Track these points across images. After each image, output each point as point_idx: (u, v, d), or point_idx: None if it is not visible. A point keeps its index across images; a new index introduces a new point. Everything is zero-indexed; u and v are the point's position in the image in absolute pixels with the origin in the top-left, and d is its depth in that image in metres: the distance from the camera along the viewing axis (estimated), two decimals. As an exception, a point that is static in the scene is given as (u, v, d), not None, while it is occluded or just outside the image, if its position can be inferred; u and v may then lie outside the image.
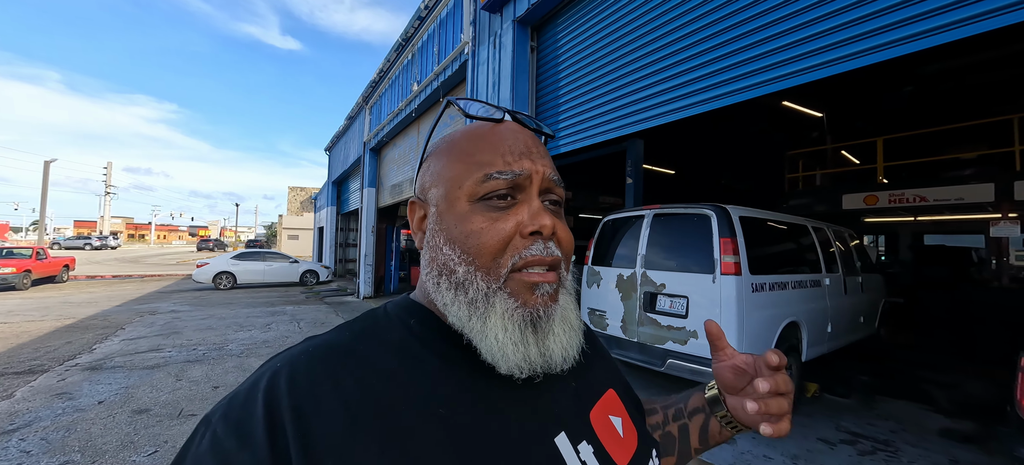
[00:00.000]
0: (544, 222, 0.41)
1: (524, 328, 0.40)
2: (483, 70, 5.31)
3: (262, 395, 0.36)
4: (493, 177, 0.41)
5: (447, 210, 0.43)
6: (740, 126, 10.88)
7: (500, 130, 0.45)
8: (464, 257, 0.41)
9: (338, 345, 0.41)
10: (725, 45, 3.19)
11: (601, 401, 0.50)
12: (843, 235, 5.47)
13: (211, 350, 5.56)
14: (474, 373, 0.41)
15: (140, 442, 3.00)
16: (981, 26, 2.07)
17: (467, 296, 0.41)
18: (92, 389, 4.02)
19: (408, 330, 0.44)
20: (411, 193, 5.06)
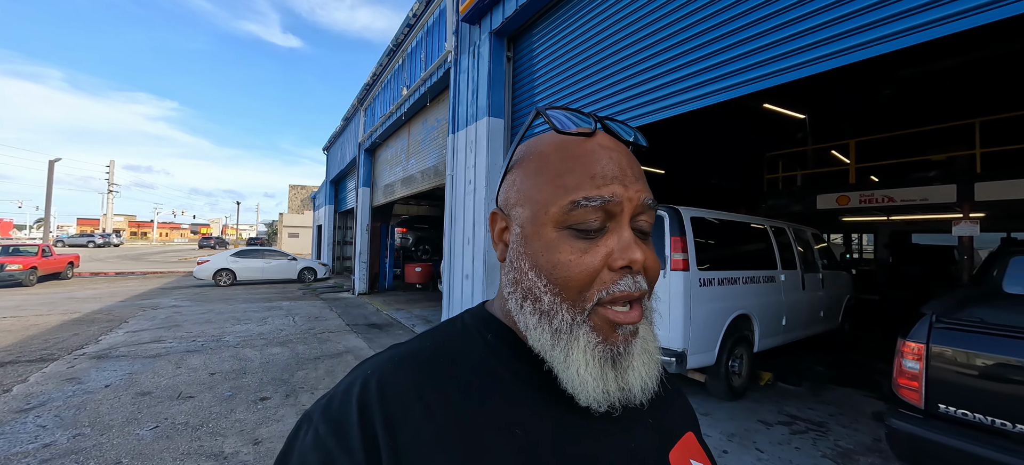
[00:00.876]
0: (634, 257, 0.39)
1: (604, 364, 0.39)
2: (464, 78, 5.63)
3: (356, 400, 0.38)
4: (581, 204, 0.39)
5: (533, 234, 0.42)
6: (728, 127, 11.17)
7: (591, 146, 0.42)
8: (550, 286, 0.40)
9: (421, 356, 0.42)
10: (696, 50, 3.24)
11: (681, 442, 0.49)
12: (805, 234, 5.78)
13: (209, 341, 5.91)
14: (550, 398, 0.41)
15: (143, 419, 3.35)
16: (955, 26, 2.09)
17: (552, 325, 0.40)
18: (99, 375, 4.38)
19: (486, 345, 0.44)
20: (404, 192, 5.68)
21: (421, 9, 7.02)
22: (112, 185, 43.57)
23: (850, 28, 2.43)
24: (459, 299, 5.52)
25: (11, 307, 8.47)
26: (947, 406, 2.00)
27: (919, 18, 2.17)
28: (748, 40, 2.91)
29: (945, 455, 1.94)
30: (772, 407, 3.97)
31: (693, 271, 3.74)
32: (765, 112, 10.16)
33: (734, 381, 4.15)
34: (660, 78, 3.55)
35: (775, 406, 4.00)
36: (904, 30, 2.23)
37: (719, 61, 3.09)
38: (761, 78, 2.86)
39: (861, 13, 2.38)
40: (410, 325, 7.46)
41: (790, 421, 3.65)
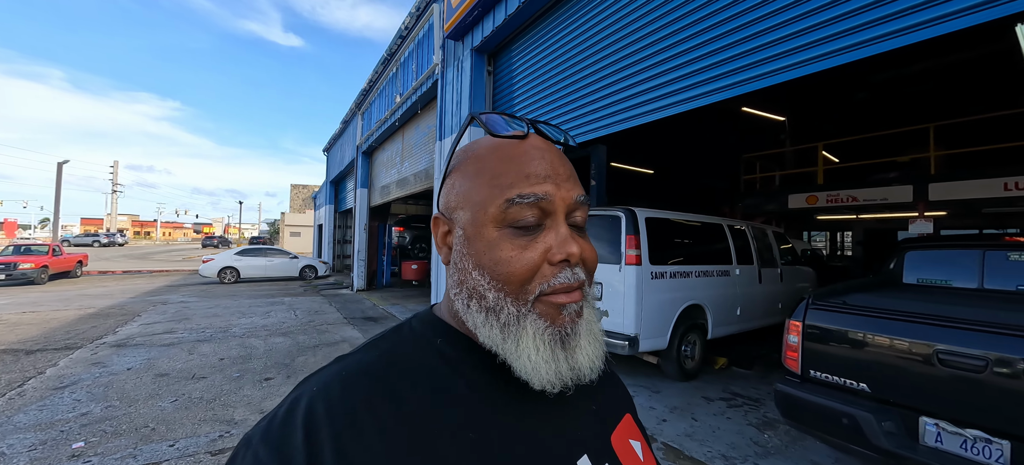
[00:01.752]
0: (571, 250, 0.41)
1: (554, 346, 0.41)
2: (450, 89, 6.12)
3: (301, 421, 0.37)
4: (516, 202, 0.41)
5: (475, 235, 0.43)
6: (714, 129, 11.63)
7: (525, 148, 0.44)
8: (494, 283, 0.42)
9: (369, 368, 0.42)
10: (662, 63, 3.49)
11: (620, 425, 0.51)
12: (765, 233, 6.26)
13: (217, 332, 6.43)
14: (502, 395, 0.43)
15: (163, 394, 3.87)
16: (921, 34, 2.15)
17: (499, 320, 0.41)
18: (120, 360, 4.90)
19: (435, 350, 0.45)
20: (399, 193, 6.51)
21: (412, 23, 7.51)
22: (116, 185, 44.20)
23: (803, 43, 2.53)
24: (445, 293, 6.03)
25: (28, 303, 9.00)
26: (816, 371, 2.49)
27: (871, 32, 2.25)
28: (712, 53, 3.07)
29: (812, 409, 2.43)
30: (719, 387, 4.46)
31: (645, 265, 4.23)
32: (745, 115, 10.62)
33: (686, 364, 4.65)
34: (630, 89, 3.84)
35: (722, 386, 4.49)
36: (863, 41, 2.31)
37: (686, 72, 3.26)
38: (727, 88, 2.99)
39: (816, 28, 2.48)
40: (402, 317, 7.95)
41: (731, 398, 4.15)
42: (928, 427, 2.05)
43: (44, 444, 2.93)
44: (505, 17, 4.94)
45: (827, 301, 2.54)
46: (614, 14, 3.94)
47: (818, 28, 2.50)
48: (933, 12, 2.10)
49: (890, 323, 2.20)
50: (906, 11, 2.16)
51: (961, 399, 1.96)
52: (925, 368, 2.06)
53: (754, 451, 3.08)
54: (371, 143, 11.21)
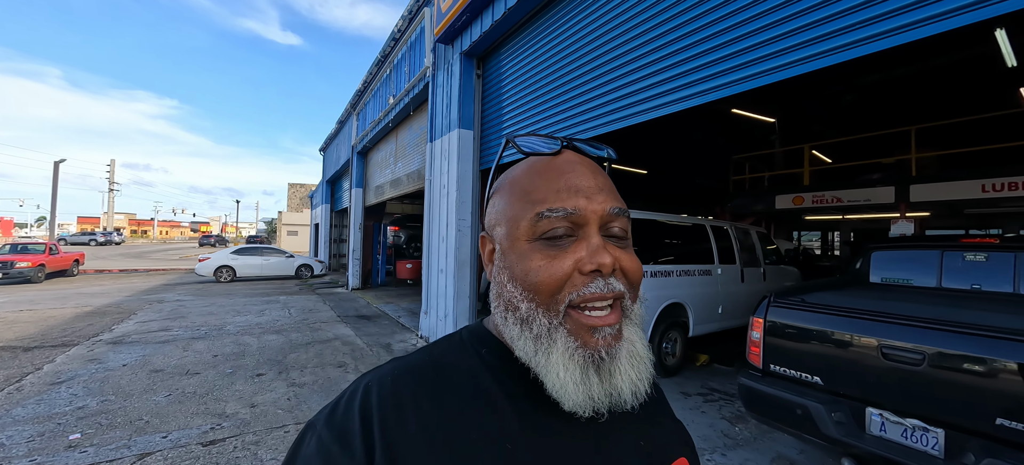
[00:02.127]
0: (603, 260, 0.41)
1: (586, 369, 0.41)
2: (441, 92, 6.24)
3: (358, 407, 0.41)
4: (545, 216, 0.42)
5: (509, 249, 0.45)
6: (706, 130, 11.77)
7: (557, 164, 0.46)
8: (526, 294, 0.43)
9: (420, 369, 0.45)
10: (647, 67, 3.55)
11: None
12: (748, 233, 6.40)
13: (212, 330, 6.55)
14: (540, 410, 0.43)
15: (158, 389, 3.99)
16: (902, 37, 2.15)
17: (532, 332, 0.42)
18: (116, 356, 5.01)
19: (480, 360, 0.46)
20: (392, 193, 6.69)
21: (404, 26, 7.62)
22: (113, 184, 44.14)
23: (787, 45, 2.58)
24: (436, 291, 6.14)
25: (26, 301, 9.09)
26: (776, 366, 2.62)
27: (856, 35, 2.27)
28: (700, 55, 3.11)
29: (771, 402, 2.57)
30: (698, 382, 4.60)
31: (626, 265, 4.36)
32: (737, 117, 10.77)
33: (667, 361, 4.78)
34: (617, 92, 3.89)
35: (701, 382, 4.63)
36: (845, 44, 2.33)
37: (674, 74, 3.31)
38: (715, 89, 3.02)
39: (800, 31, 2.51)
40: (396, 317, 8.09)
41: (708, 393, 4.29)
42: (874, 417, 2.19)
43: (42, 436, 3.05)
44: (492, 22, 5.06)
45: (787, 299, 2.68)
46: (599, 18, 4.04)
47: (801, 31, 2.54)
48: (915, 15, 2.11)
49: (840, 319, 2.34)
50: (890, 13, 2.18)
51: (902, 390, 2.10)
52: (871, 361, 2.20)
53: (723, 443, 3.22)
54: (366, 143, 11.32)
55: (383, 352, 5.62)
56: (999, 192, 6.38)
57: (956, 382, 1.93)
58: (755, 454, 3.07)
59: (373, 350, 5.70)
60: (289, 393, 4.01)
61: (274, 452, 2.92)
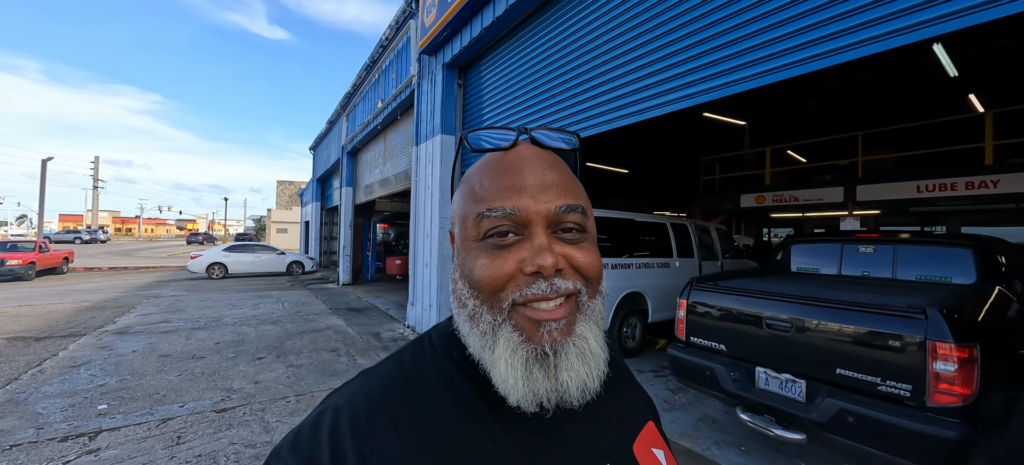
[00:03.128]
0: (544, 262, 0.40)
1: (529, 363, 0.40)
2: (425, 99, 6.73)
3: (327, 434, 0.39)
4: (486, 215, 0.42)
5: (461, 247, 0.45)
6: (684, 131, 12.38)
7: (507, 160, 0.45)
8: (472, 291, 0.43)
9: (391, 381, 0.44)
10: (616, 79, 3.83)
11: (643, 433, 0.51)
12: (707, 229, 7.02)
13: (211, 321, 6.98)
14: (517, 408, 0.42)
15: (169, 370, 4.45)
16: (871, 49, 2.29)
17: (479, 328, 0.42)
18: (125, 344, 5.44)
19: (452, 362, 0.46)
20: (381, 192, 7.45)
21: (392, 34, 8.09)
22: (98, 181, 43.60)
23: (752, 58, 2.74)
24: (422, 284, 6.65)
25: (21, 298, 9.38)
26: (694, 337, 3.21)
27: (813, 50, 2.45)
28: (669, 67, 3.32)
29: (689, 367, 3.15)
30: (653, 362, 5.20)
31: (588, 258, 4.93)
32: (706, 120, 11.41)
33: (627, 343, 5.38)
34: (589, 100, 4.24)
35: (656, 361, 5.23)
36: (814, 55, 2.49)
37: (638, 86, 3.58)
38: (684, 98, 3.23)
39: (763, 46, 2.68)
40: (385, 309, 8.58)
41: (659, 370, 4.88)
42: (760, 374, 2.78)
43: (73, 407, 3.51)
44: (471, 38, 5.57)
45: (704, 283, 3.27)
46: (571, 32, 4.43)
47: (764, 46, 2.70)
48: (864, 34, 2.31)
49: (738, 298, 2.92)
50: (842, 32, 2.40)
51: (778, 352, 2.69)
52: (758, 330, 2.78)
53: (662, 407, 3.81)
54: (355, 144, 11.74)
55: (373, 340, 6.12)
56: (932, 192, 7.09)
57: (811, 343, 2.52)
58: (686, 415, 3.66)
59: (363, 338, 6.20)
60: (288, 372, 4.50)
61: (279, 416, 3.42)
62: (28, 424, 3.20)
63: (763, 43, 2.71)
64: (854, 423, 2.26)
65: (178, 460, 2.75)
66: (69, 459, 2.74)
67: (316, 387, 4.11)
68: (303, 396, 3.88)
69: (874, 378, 2.24)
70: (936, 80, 9.00)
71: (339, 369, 4.68)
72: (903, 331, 2.16)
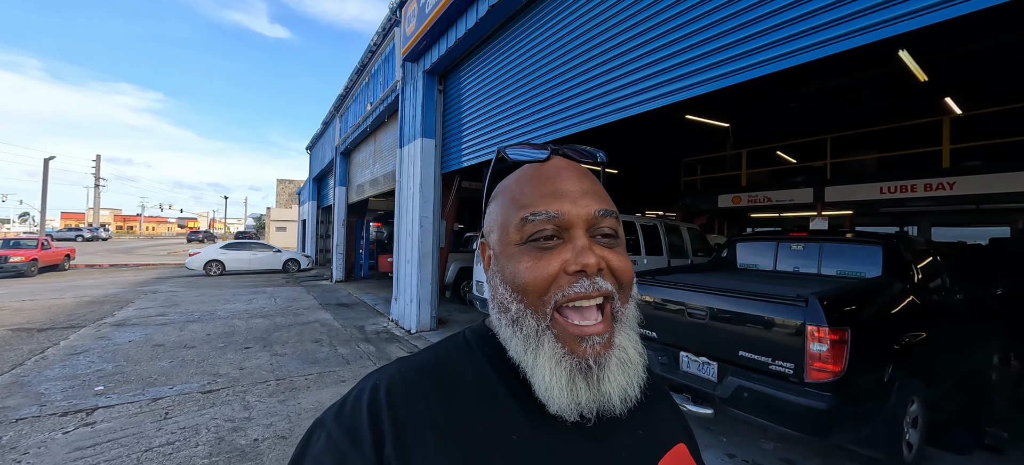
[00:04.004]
0: (587, 261, 0.42)
1: (573, 375, 0.42)
2: (408, 103, 7.06)
3: (367, 406, 0.42)
4: (530, 219, 0.44)
5: (502, 253, 0.47)
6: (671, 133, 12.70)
7: (544, 170, 0.48)
8: (515, 295, 0.44)
9: (426, 367, 0.47)
10: (587, 81, 3.97)
11: (670, 454, 0.50)
12: (678, 229, 7.35)
13: (204, 315, 7.33)
14: (543, 409, 0.43)
15: (161, 357, 4.80)
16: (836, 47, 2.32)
17: (522, 332, 0.44)
18: (122, 335, 5.79)
19: (486, 359, 0.48)
20: (372, 192, 7.93)
21: (379, 40, 8.42)
22: (100, 179, 44.03)
23: (720, 59, 2.83)
24: (404, 279, 6.99)
25: (25, 293, 9.74)
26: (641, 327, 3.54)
27: (777, 50, 2.52)
28: (634, 70, 3.45)
29: (629, 352, 3.48)
30: (617, 353, 5.52)
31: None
32: (689, 122, 11.72)
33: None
34: (559, 104, 4.43)
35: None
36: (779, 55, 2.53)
37: (611, 88, 3.71)
38: (653, 99, 3.30)
39: (732, 45, 2.76)
40: (373, 304, 8.92)
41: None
42: (683, 357, 3.11)
43: (73, 388, 3.86)
44: (448, 47, 5.90)
45: (644, 277, 3.59)
46: (542, 40, 4.62)
47: (731, 47, 2.79)
48: (825, 34, 2.36)
49: (667, 290, 3.25)
50: (807, 31, 2.41)
51: (697, 337, 3.02)
52: (682, 318, 3.11)
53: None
54: (348, 145, 12.08)
55: (356, 333, 6.46)
56: (893, 193, 7.40)
57: (722, 329, 2.85)
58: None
59: (347, 330, 6.54)
60: (272, 360, 4.85)
61: (259, 397, 3.76)
62: (31, 402, 3.55)
63: (730, 43, 2.74)
64: (748, 398, 2.59)
65: (164, 432, 3.09)
66: (68, 430, 3.08)
67: (296, 373, 4.45)
68: (283, 380, 4.22)
69: (767, 358, 2.57)
70: (907, 85, 9.32)
71: (320, 358, 5.02)
72: (788, 317, 2.49)
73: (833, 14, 2.32)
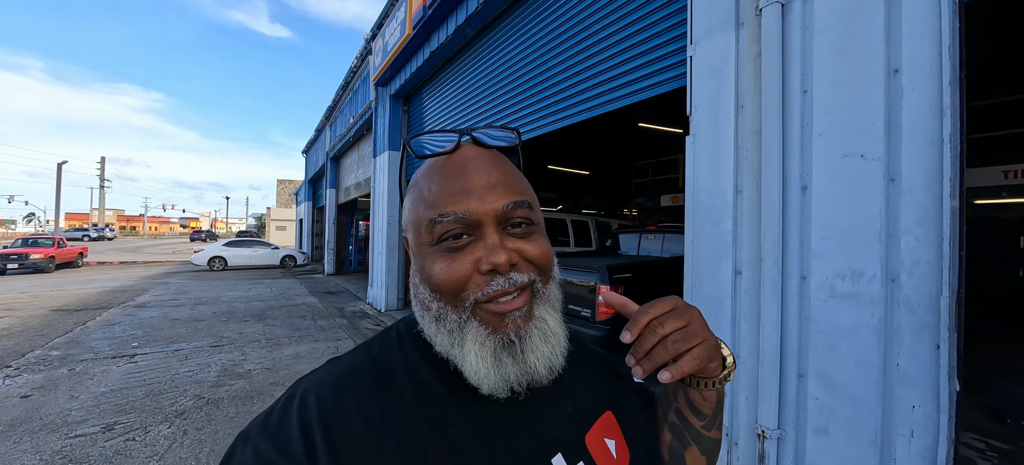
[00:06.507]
0: (498, 260, 0.42)
1: (498, 352, 0.43)
2: (379, 121, 8.41)
3: (296, 413, 0.41)
4: (437, 221, 0.43)
5: (417, 251, 0.46)
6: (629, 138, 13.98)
7: (451, 164, 0.46)
8: (434, 295, 0.44)
9: (358, 368, 0.46)
10: (530, 96, 4.59)
11: (598, 423, 0.52)
12: (609, 226, 8.67)
13: (210, 300, 8.70)
14: (476, 396, 0.44)
15: (178, 327, 6.17)
16: None
17: (446, 327, 0.44)
18: (144, 313, 7.17)
19: (417, 351, 0.48)
20: (356, 194, 10.05)
21: (358, 64, 9.77)
22: (105, 180, 45.49)
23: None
24: (377, 269, 8.34)
25: (51, 285, 11.12)
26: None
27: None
28: (571, 87, 3.99)
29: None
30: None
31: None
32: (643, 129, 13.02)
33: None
34: (506, 115, 5.31)
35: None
36: None
37: (551, 101, 4.23)
38: (578, 113, 3.82)
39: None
40: (355, 292, 10.29)
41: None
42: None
43: (115, 343, 5.23)
44: (407, 77, 7.24)
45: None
46: (486, 66, 5.77)
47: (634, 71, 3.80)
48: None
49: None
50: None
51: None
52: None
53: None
54: (337, 151, 13.44)
55: (336, 312, 7.82)
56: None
57: (568, 291, 4.20)
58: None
59: (329, 310, 7.90)
60: (264, 328, 6.22)
61: (253, 349, 5.13)
62: (87, 352, 4.92)
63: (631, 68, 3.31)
64: (570, 333, 3.94)
65: (186, 366, 4.46)
66: (120, 366, 4.45)
67: (281, 336, 5.82)
68: (271, 340, 5.59)
69: (579, 307, 3.92)
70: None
71: (302, 327, 6.38)
72: (590, 280, 3.84)
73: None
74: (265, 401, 3.60)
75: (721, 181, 2.27)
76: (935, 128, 1.60)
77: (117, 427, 3.10)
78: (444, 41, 6.04)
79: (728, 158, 2.23)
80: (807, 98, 1.95)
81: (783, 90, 2.00)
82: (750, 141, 2.15)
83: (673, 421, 0.57)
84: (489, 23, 5.46)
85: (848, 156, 1.82)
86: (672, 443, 0.57)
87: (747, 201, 2.15)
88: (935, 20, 1.61)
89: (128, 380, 4.05)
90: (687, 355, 0.44)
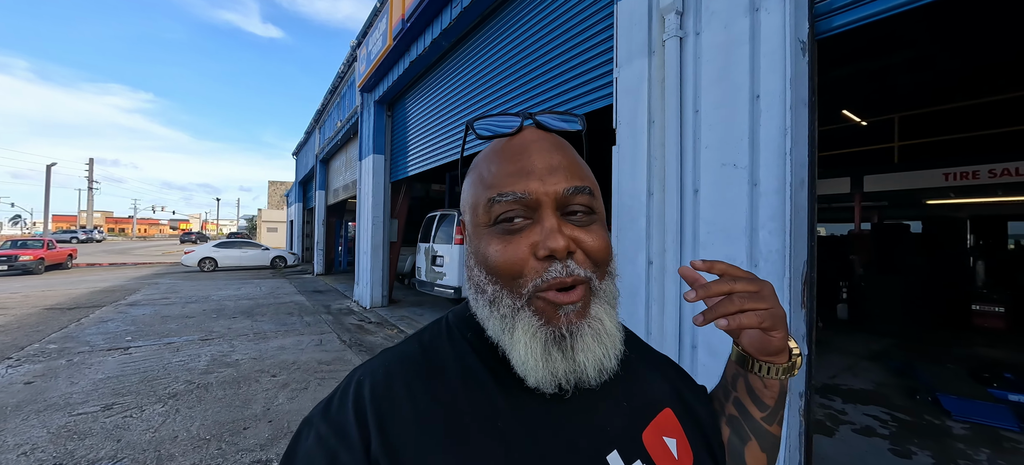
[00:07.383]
0: (556, 245, 0.41)
1: (548, 345, 0.42)
2: (365, 125, 8.75)
3: (351, 399, 0.43)
4: (497, 201, 0.43)
5: (474, 233, 0.46)
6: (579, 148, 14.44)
7: (513, 145, 0.46)
8: (490, 278, 0.44)
9: (409, 358, 0.47)
10: (507, 100, 5.89)
11: (655, 420, 0.50)
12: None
13: (200, 298, 8.98)
14: (523, 386, 0.43)
15: (169, 323, 6.47)
16: None
17: (499, 312, 0.43)
18: (137, 311, 7.44)
19: (467, 343, 0.48)
20: (345, 196, 10.65)
21: (345, 70, 10.10)
22: (94, 182, 45.15)
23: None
24: (363, 267, 8.68)
25: (41, 286, 11.30)
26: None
27: None
28: (543, 92, 5.43)
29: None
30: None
31: (466, 244, 7.02)
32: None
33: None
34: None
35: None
36: None
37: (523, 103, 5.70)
38: None
39: None
40: (342, 291, 10.60)
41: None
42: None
43: (109, 337, 5.53)
44: (390, 84, 7.60)
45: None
46: (466, 73, 6.27)
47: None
48: None
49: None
50: None
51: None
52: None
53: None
54: (326, 153, 13.74)
55: (322, 309, 8.14)
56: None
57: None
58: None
59: (315, 307, 8.23)
60: (252, 323, 6.54)
61: (241, 342, 5.45)
62: (83, 345, 5.22)
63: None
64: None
65: (178, 357, 4.78)
66: (115, 356, 4.76)
67: (268, 330, 6.14)
68: (259, 333, 5.92)
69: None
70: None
71: (289, 322, 6.71)
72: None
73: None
74: (251, 386, 3.95)
75: (637, 185, 2.67)
76: (782, 143, 2.02)
77: (115, 407, 3.44)
78: (422, 52, 6.41)
79: (642, 165, 2.64)
80: (698, 116, 2.36)
81: (680, 109, 2.42)
82: (658, 151, 2.56)
83: (732, 414, 0.56)
84: (462, 37, 5.84)
85: (725, 165, 2.23)
86: (731, 438, 0.56)
87: (656, 202, 2.56)
88: (781, 57, 2.03)
89: (123, 368, 4.37)
90: (750, 312, 0.45)
